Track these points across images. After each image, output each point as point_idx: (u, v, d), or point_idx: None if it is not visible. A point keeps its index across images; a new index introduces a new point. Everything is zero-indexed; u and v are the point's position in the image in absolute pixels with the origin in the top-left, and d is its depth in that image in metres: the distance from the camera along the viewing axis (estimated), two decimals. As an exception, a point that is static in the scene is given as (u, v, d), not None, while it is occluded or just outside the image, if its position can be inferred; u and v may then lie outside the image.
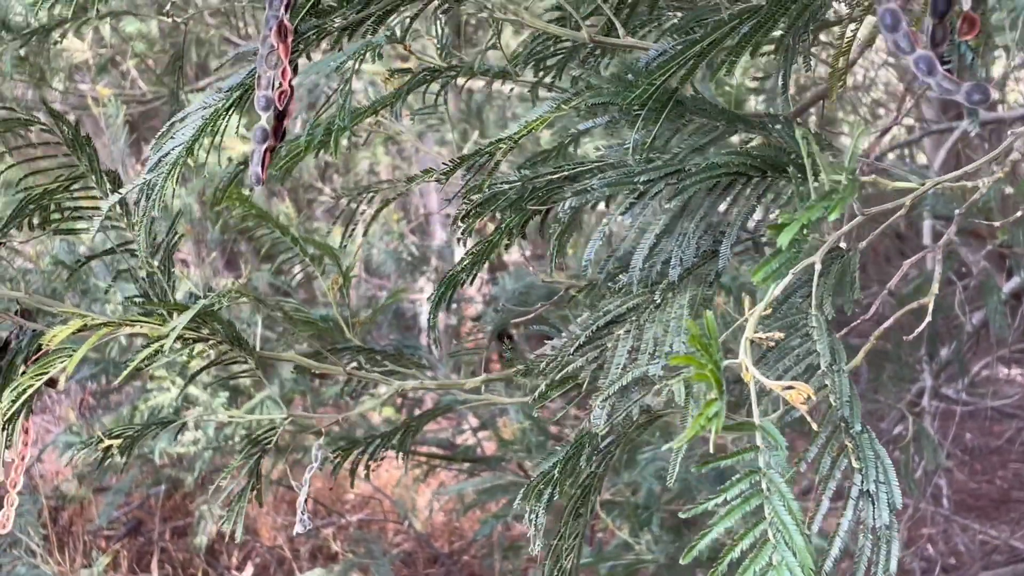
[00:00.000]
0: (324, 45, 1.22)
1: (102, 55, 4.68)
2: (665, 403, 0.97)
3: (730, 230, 0.95)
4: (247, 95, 1.01)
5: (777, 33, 0.97)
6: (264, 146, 0.97)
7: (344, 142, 1.87)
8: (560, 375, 1.00)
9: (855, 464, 0.81)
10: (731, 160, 0.93)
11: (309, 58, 1.19)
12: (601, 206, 1.11)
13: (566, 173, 1.02)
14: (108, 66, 4.83)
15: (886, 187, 0.99)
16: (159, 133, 1.01)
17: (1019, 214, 1.67)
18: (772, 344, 0.84)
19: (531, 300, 4.25)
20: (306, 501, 1.39)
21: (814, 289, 0.87)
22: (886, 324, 1.57)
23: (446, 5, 1.12)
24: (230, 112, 1.02)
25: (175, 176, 0.97)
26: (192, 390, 3.28)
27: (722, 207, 0.96)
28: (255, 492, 1.46)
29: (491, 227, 1.28)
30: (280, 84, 0.94)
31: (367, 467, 1.56)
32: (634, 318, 0.98)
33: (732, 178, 0.95)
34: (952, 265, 3.52)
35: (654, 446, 2.95)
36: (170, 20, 3.62)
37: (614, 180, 0.97)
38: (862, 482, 0.81)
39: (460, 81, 1.47)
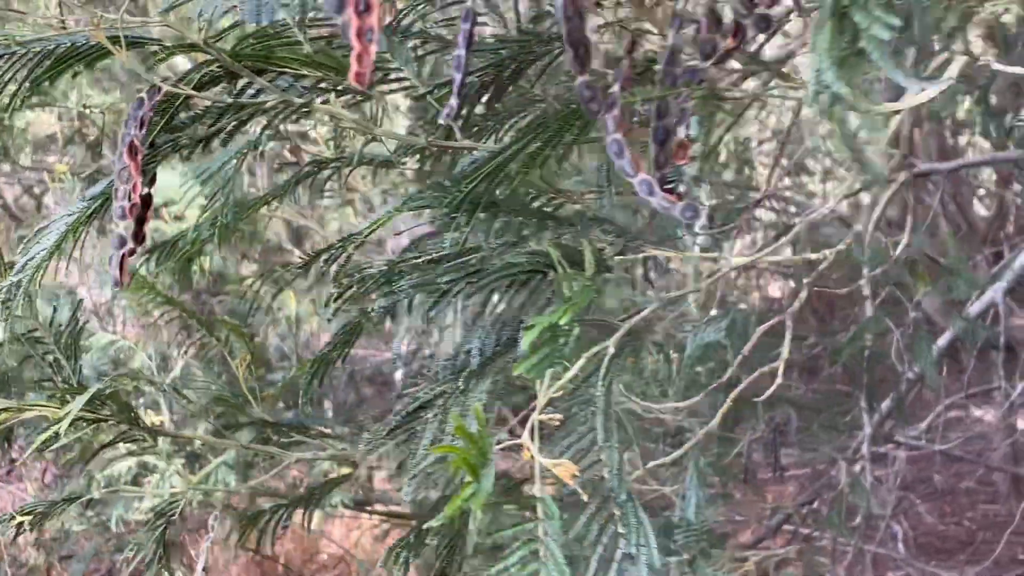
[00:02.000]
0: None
1: (68, 128, 4.81)
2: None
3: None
4: (107, 204, 1.12)
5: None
6: (122, 251, 1.07)
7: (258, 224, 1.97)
8: (375, 454, 1.10)
9: (620, 530, 0.91)
10: (527, 260, 1.03)
11: (192, 156, 1.29)
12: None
13: (387, 268, 1.13)
14: (76, 138, 4.96)
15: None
16: (27, 239, 1.12)
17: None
18: (557, 423, 0.94)
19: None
20: (204, 570, 1.48)
21: (602, 371, 0.96)
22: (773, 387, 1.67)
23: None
24: (91, 219, 1.12)
25: (39, 278, 1.08)
26: (150, 457, 3.36)
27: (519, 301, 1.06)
28: (162, 563, 1.55)
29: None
30: (132, 197, 1.04)
31: (273, 533, 1.65)
32: (440, 403, 1.08)
33: (528, 275, 1.05)
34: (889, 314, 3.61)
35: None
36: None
37: (419, 282, 1.07)
38: (625, 545, 0.91)
39: (346, 170, 1.58)
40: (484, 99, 1.31)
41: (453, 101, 0.98)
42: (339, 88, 1.13)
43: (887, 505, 5.08)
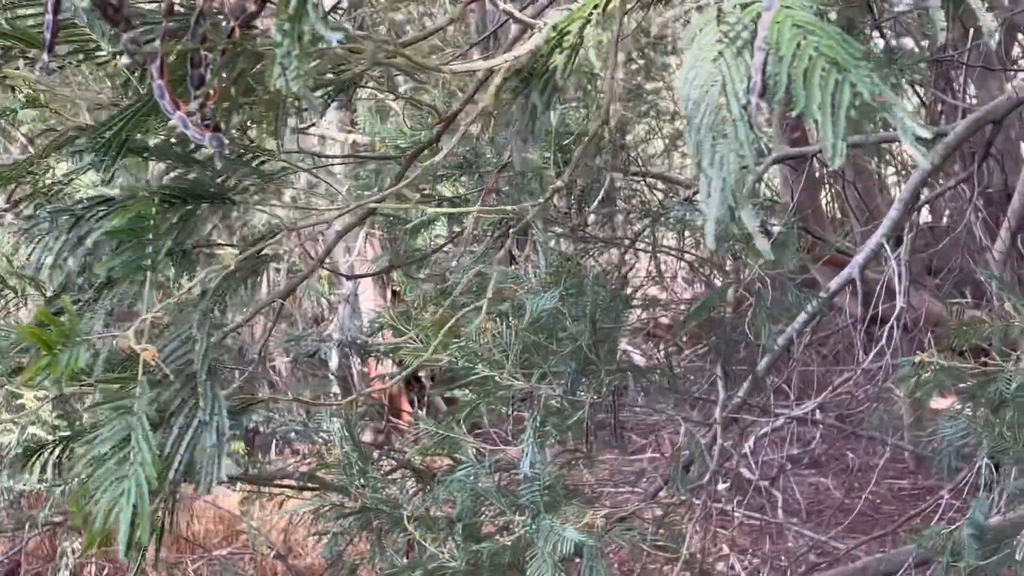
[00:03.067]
0: None
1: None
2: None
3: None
4: None
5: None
6: None
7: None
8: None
9: (201, 403, 1.10)
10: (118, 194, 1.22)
11: None
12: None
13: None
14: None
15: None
16: None
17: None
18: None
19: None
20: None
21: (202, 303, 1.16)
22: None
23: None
24: None
25: None
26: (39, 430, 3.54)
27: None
28: None
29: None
30: None
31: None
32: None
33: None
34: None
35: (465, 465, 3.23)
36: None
37: (57, 208, 1.27)
38: (202, 414, 1.09)
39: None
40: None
41: (45, 56, 1.16)
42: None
43: (772, 471, 5.30)
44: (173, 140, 1.19)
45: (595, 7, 0.90)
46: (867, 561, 4.04)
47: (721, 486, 5.13)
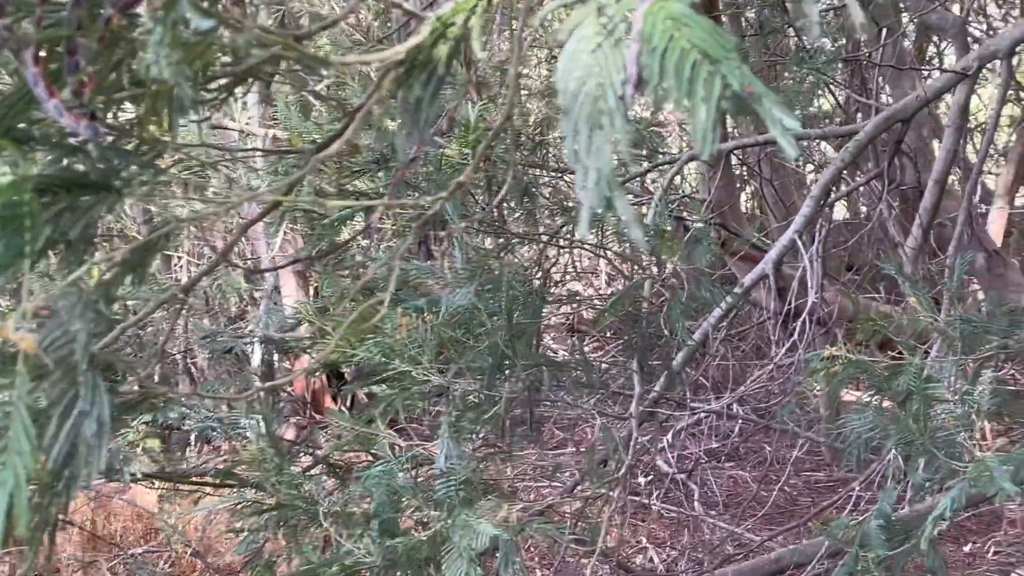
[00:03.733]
0: None
1: None
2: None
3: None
4: None
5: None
6: None
7: None
8: None
9: (81, 392, 1.08)
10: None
11: None
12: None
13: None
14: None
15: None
16: None
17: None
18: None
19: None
20: None
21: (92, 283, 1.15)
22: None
23: None
24: None
25: None
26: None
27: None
28: None
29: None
30: None
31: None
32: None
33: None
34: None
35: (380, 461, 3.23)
36: None
37: None
38: (82, 404, 1.08)
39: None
40: None
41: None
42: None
43: (691, 464, 5.36)
44: (53, 130, 1.18)
45: (480, -1, 0.91)
46: (781, 552, 4.10)
47: (640, 480, 5.18)
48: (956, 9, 6.41)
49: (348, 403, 7.48)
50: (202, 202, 1.22)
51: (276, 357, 6.80)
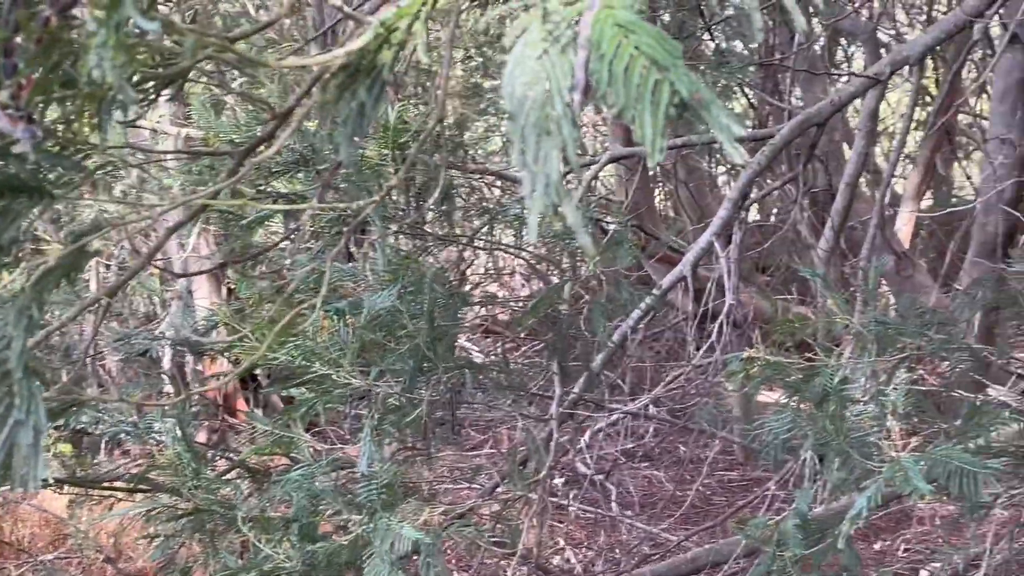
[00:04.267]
0: None
1: None
2: None
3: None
4: None
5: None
6: None
7: None
8: None
9: (16, 401, 1.06)
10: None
11: None
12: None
13: None
14: None
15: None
16: None
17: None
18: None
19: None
20: None
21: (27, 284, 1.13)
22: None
23: None
24: None
25: None
26: None
27: None
28: None
29: None
30: None
31: None
32: None
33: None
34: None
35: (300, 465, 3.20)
36: None
37: None
38: (17, 413, 1.06)
39: None
40: None
41: None
42: None
43: (609, 465, 5.40)
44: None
45: (424, 3, 0.90)
46: (698, 552, 4.14)
47: (558, 481, 5.21)
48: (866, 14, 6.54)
49: (262, 406, 7.40)
50: (130, 205, 1.20)
51: (189, 359, 6.71)
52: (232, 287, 6.58)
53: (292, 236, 3.33)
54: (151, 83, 1.16)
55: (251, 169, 1.22)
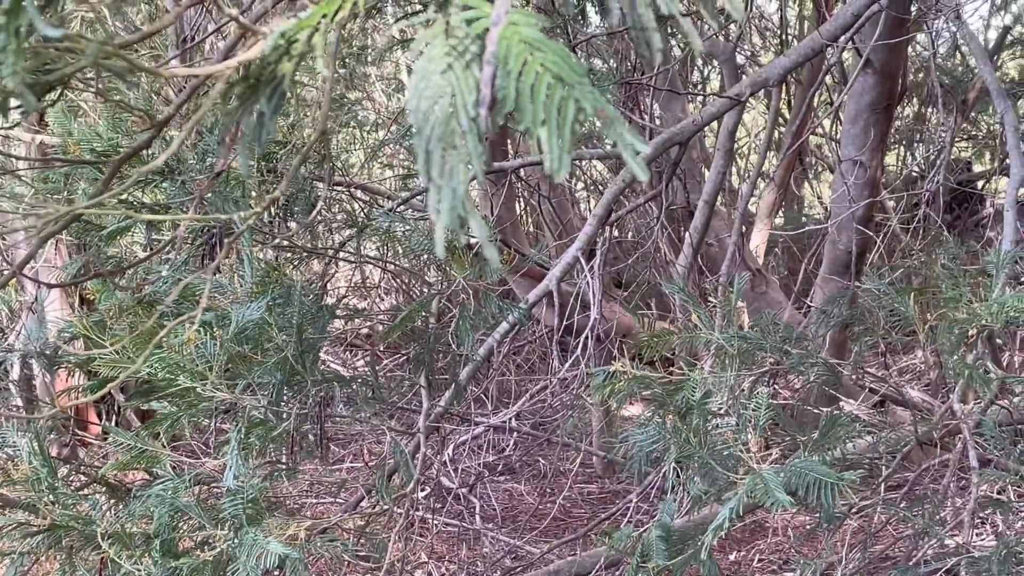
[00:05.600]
0: None
1: None
2: None
3: None
4: None
5: None
6: None
7: None
8: None
9: None
10: None
11: None
12: None
13: None
14: None
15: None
16: None
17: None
18: None
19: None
20: None
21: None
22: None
23: None
24: None
25: None
26: None
27: None
28: None
29: None
30: None
31: None
32: None
33: None
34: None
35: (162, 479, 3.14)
36: None
37: None
38: None
39: None
40: None
41: None
42: None
43: (472, 479, 5.41)
44: None
45: (323, 16, 0.91)
46: (560, 564, 4.18)
47: (421, 494, 5.19)
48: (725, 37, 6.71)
49: (115, 419, 7.23)
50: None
51: (38, 371, 6.51)
52: (88, 297, 6.42)
53: (171, 246, 3.27)
54: (33, 89, 1.14)
55: (133, 180, 1.20)
